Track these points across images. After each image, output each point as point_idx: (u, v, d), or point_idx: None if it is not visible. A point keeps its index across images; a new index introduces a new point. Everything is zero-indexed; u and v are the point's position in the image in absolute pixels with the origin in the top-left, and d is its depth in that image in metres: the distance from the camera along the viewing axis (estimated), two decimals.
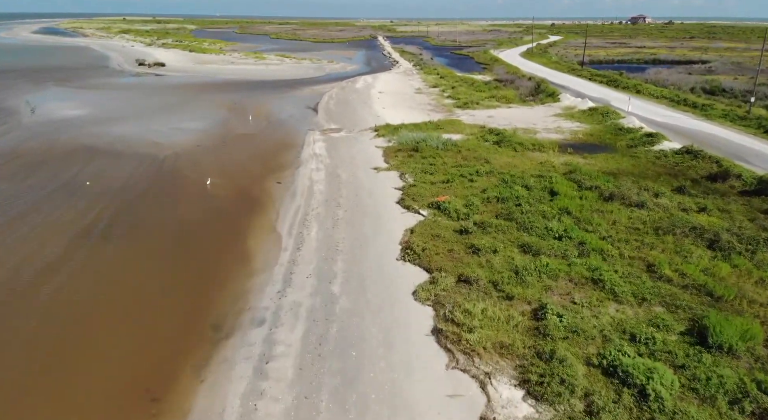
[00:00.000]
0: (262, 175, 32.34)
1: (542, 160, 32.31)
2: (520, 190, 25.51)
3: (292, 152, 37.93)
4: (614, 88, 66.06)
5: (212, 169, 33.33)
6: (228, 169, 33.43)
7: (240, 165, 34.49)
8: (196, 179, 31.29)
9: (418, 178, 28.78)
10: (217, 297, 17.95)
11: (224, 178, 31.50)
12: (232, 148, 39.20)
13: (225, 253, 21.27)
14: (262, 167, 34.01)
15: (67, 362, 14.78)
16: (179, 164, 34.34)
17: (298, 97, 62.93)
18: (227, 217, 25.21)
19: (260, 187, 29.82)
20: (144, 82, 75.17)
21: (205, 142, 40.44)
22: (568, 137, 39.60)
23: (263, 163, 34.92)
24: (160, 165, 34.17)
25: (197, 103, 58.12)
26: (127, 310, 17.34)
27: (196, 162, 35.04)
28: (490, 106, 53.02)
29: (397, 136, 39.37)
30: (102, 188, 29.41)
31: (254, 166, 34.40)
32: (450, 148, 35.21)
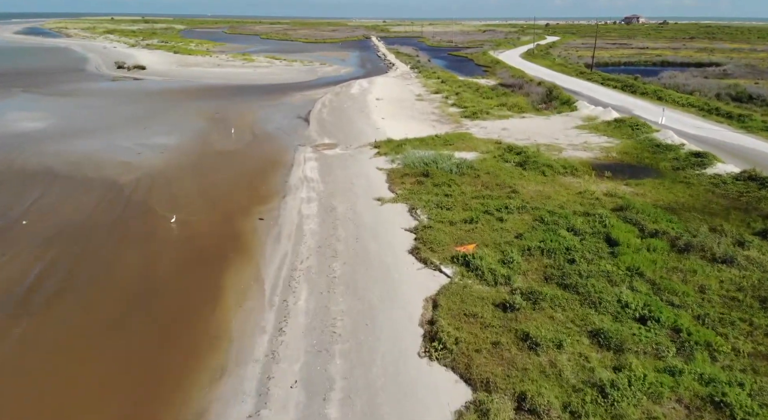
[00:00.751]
0: (241, 206, 26.61)
1: (580, 189, 26.75)
2: (568, 237, 19.94)
3: (279, 175, 32.22)
4: (632, 94, 60.76)
5: (181, 199, 27.58)
6: (200, 199, 27.66)
7: (215, 193, 28.72)
8: (159, 214, 25.50)
9: (434, 216, 23.14)
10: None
11: (194, 212, 25.73)
12: (208, 169, 33.41)
13: (179, 339, 15.54)
14: (242, 196, 28.27)
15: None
16: (142, 193, 28.51)
17: (288, 105, 57.15)
18: (189, 277, 19.46)
19: (237, 226, 24.07)
20: (120, 88, 69.10)
21: (178, 162, 34.64)
22: (600, 156, 34.12)
23: (243, 191, 29.18)
24: (119, 194, 28.33)
25: (175, 112, 52.21)
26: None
27: (163, 189, 29.25)
28: (503, 116, 47.50)
29: (401, 155, 33.76)
30: (39, 229, 23.57)
31: (232, 194, 28.65)
32: (466, 171, 29.63)
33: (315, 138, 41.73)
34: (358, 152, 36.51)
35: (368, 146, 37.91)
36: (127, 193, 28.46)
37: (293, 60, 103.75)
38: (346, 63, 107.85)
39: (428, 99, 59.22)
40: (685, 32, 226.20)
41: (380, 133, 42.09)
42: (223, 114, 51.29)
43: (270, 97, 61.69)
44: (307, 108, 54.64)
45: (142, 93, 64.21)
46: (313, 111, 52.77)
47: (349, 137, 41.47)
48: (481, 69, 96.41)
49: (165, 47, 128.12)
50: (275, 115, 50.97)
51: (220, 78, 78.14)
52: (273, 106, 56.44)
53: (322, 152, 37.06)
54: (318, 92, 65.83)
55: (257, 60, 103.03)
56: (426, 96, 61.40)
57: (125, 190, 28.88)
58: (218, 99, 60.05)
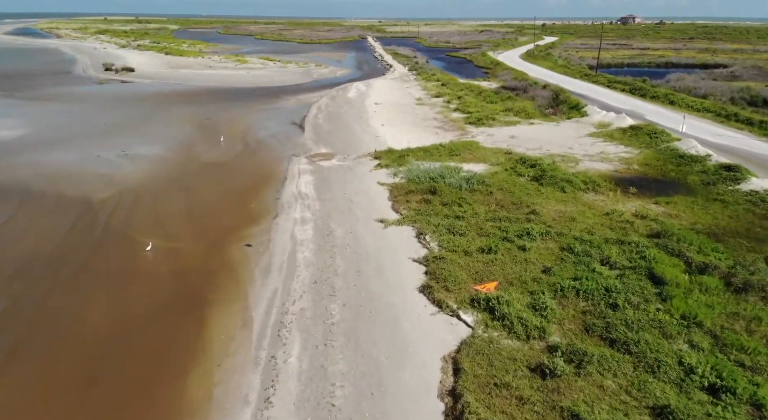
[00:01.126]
0: (227, 229, 23.72)
1: (606, 209, 23.97)
2: (604, 273, 17.16)
3: (271, 190, 29.35)
4: (641, 97, 58.12)
5: (161, 221, 24.68)
6: (182, 221, 24.76)
7: (199, 213, 25.82)
8: (135, 240, 22.59)
9: (445, 243, 20.31)
10: None
11: (175, 237, 22.84)
12: (193, 184, 30.51)
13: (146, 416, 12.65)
14: (229, 216, 25.37)
15: None
16: (119, 214, 25.56)
17: (282, 110, 54.25)
18: (165, 323, 16.57)
19: (222, 254, 21.18)
20: (106, 92, 66.01)
21: (160, 176, 31.72)
22: (620, 168, 31.37)
23: (231, 209, 26.28)
24: (94, 216, 25.38)
25: (162, 117, 49.23)
26: None
27: (141, 209, 26.33)
28: (510, 123, 44.73)
29: (405, 168, 30.96)
30: (0, 264, 20.63)
31: (218, 213, 25.75)
32: (477, 187, 26.81)
33: (310, 147, 38.87)
34: (357, 163, 33.66)
35: (368, 157, 35.07)
36: (103, 215, 25.51)
37: (288, 61, 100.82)
38: (343, 64, 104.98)
39: (429, 103, 56.42)
40: (684, 32, 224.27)
41: (380, 141, 39.27)
42: (213, 120, 48.36)
43: (263, 101, 58.75)
44: (302, 113, 51.78)
45: (128, 97, 61.14)
46: (309, 116, 49.90)
47: (346, 146, 38.62)
48: (482, 71, 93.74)
49: (156, 48, 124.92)
50: (268, 121, 48.07)
51: (212, 81, 75.13)
52: (266, 111, 53.53)
53: (317, 163, 34.21)
54: (313, 96, 62.98)
55: (251, 61, 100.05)
56: (426, 100, 58.60)
57: (101, 211, 25.93)
58: (208, 103, 57.07)
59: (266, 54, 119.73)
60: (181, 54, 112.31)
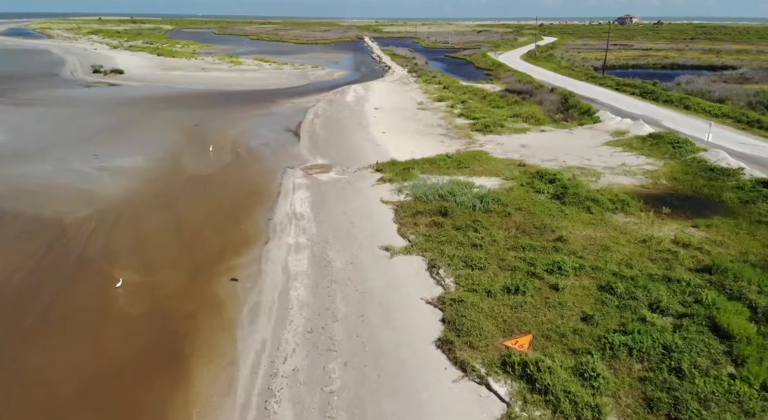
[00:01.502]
0: (210, 257, 20.84)
1: (641, 234, 21.15)
2: (657, 322, 14.38)
3: (262, 208, 26.46)
4: (653, 101, 55.38)
5: (138, 248, 21.78)
6: (160, 248, 21.85)
7: (181, 238, 22.91)
8: (107, 273, 19.67)
9: (462, 279, 17.46)
10: None
11: (150, 270, 19.93)
12: (177, 201, 27.59)
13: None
14: (214, 241, 22.48)
15: None
16: (89, 239, 22.64)
17: (276, 115, 51.34)
18: (130, 384, 13.68)
19: (203, 291, 18.29)
20: (92, 96, 62.93)
21: (141, 192, 28.80)
22: (647, 183, 28.57)
23: (217, 233, 23.39)
24: (63, 242, 22.44)
25: (149, 124, 46.26)
26: None
27: (116, 233, 23.41)
28: (519, 130, 41.91)
29: (410, 183, 28.12)
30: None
31: (202, 238, 22.86)
32: (492, 207, 23.96)
33: (306, 157, 35.99)
34: (358, 177, 30.78)
35: (369, 169, 32.22)
36: (74, 240, 22.57)
37: (283, 63, 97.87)
38: (340, 66, 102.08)
39: (431, 108, 53.57)
40: (683, 33, 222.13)
41: (381, 151, 36.42)
42: (203, 126, 45.43)
43: (257, 106, 55.81)
44: (298, 119, 48.89)
45: (115, 101, 58.10)
46: (305, 123, 47.01)
47: (345, 157, 35.75)
48: (483, 72, 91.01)
49: (148, 49, 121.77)
50: (261, 128, 45.15)
51: (204, 83, 72.15)
52: (259, 116, 50.60)
53: (314, 177, 31.33)
54: (310, 99, 60.11)
55: (245, 63, 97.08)
56: (429, 104, 55.75)
57: (72, 236, 22.98)
58: (199, 108, 54.09)
59: (261, 55, 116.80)
60: (174, 55, 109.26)
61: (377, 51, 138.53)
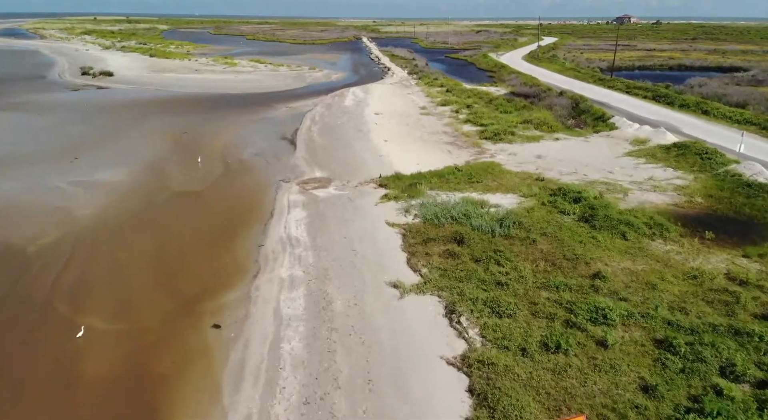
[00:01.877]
0: (190, 297, 17.95)
1: (689, 268, 18.33)
2: (736, 395, 11.67)
3: (253, 231, 23.58)
4: (668, 106, 52.56)
5: (107, 285, 18.87)
6: (133, 285, 18.95)
7: (157, 271, 20.01)
8: (68, 319, 16.76)
9: (490, 331, 14.62)
10: None
11: (119, 314, 17.03)
12: (157, 225, 24.68)
13: None
14: (196, 275, 19.59)
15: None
16: (52, 275, 19.70)
17: (271, 121, 48.44)
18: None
19: (179, 343, 15.42)
20: (78, 100, 59.87)
21: (119, 212, 25.88)
22: (680, 202, 25.74)
23: (199, 264, 20.50)
24: (17, 280, 19.49)
25: (134, 132, 43.30)
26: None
27: (85, 264, 20.49)
28: (532, 138, 39.06)
29: (418, 201, 25.26)
30: None
31: (182, 271, 19.97)
32: (514, 231, 21.11)
33: (303, 169, 33.12)
34: (359, 194, 27.89)
35: (371, 184, 29.34)
36: (36, 277, 19.65)
37: (280, 64, 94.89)
38: (338, 67, 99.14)
39: (435, 113, 50.71)
40: (684, 33, 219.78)
41: (384, 162, 33.58)
42: (193, 134, 42.50)
43: (251, 111, 52.88)
44: (294, 125, 46.00)
45: (101, 106, 55.08)
46: (301, 130, 44.12)
47: (345, 169, 32.87)
48: (486, 74, 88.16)
49: (141, 50, 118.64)
50: (255, 135, 42.24)
51: (196, 86, 69.15)
52: (253, 122, 47.68)
53: (311, 193, 28.43)
54: (307, 103, 57.22)
55: (240, 64, 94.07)
56: (432, 109, 52.89)
57: (35, 271, 20.06)
58: (189, 113, 51.16)
59: (257, 56, 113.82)
60: (167, 56, 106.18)
61: (376, 51, 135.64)
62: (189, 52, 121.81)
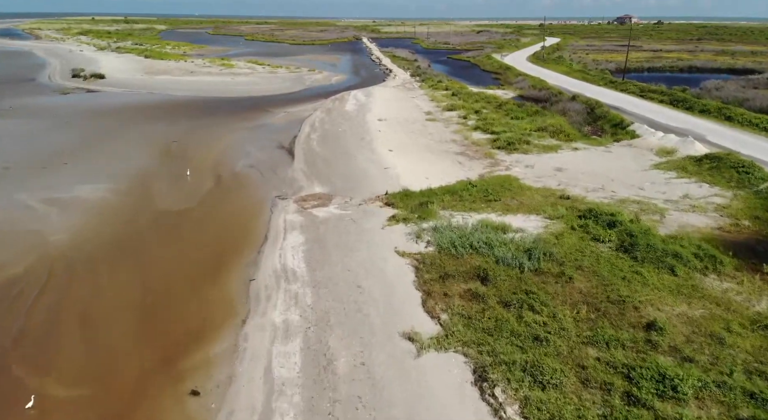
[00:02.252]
0: (165, 354, 15.06)
1: (757, 314, 15.46)
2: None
3: (243, 261, 20.74)
4: (687, 111, 49.70)
5: (69, 336, 15.99)
6: (101, 336, 16.07)
7: (130, 315, 17.13)
8: (20, 383, 13.89)
9: (533, 410, 11.78)
10: None
11: (80, 376, 14.16)
12: (136, 251, 21.81)
13: None
14: (173, 321, 16.74)
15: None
16: (10, 319, 16.81)
17: (268, 127, 45.60)
18: None
19: (149, 417, 12.51)
20: (65, 104, 56.95)
21: (95, 236, 23.02)
22: (724, 225, 22.87)
23: (178, 305, 17.64)
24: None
25: (120, 140, 40.43)
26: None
27: (48, 306, 17.60)
28: (549, 148, 36.18)
29: (430, 224, 22.42)
30: None
31: (157, 315, 17.11)
32: (544, 265, 18.25)
33: (301, 183, 30.27)
34: (364, 213, 25.02)
35: (377, 202, 26.48)
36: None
37: (278, 65, 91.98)
38: (338, 69, 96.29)
39: (442, 119, 47.85)
40: (687, 33, 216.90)
41: (390, 175, 30.73)
42: (183, 142, 39.65)
43: (246, 116, 50.02)
44: (292, 132, 43.17)
45: (88, 112, 52.19)
46: (300, 137, 41.25)
47: (347, 183, 30.02)
48: (491, 76, 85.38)
49: (136, 51, 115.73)
50: (250, 144, 39.37)
51: (190, 89, 66.25)
52: (249, 129, 44.81)
53: (310, 213, 25.56)
54: (306, 108, 54.38)
55: (237, 66, 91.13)
56: (438, 114, 50.03)
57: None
58: (181, 119, 48.29)
59: (255, 57, 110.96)
60: (162, 57, 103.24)
61: (377, 52, 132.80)
62: (185, 53, 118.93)
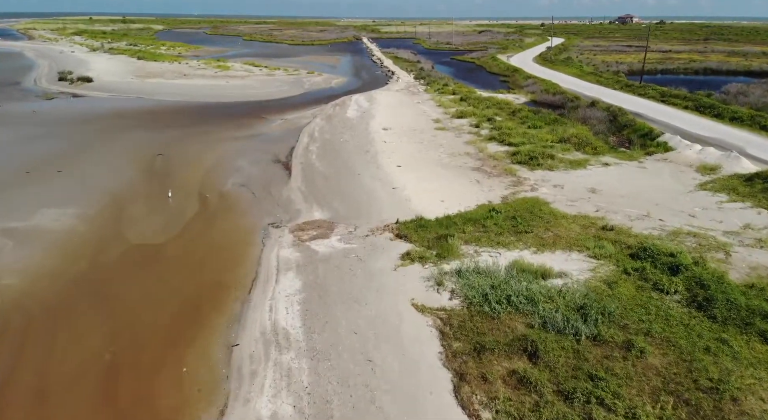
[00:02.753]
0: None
1: None
2: None
3: (225, 319, 16.92)
4: (716, 119, 45.81)
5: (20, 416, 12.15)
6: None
7: (89, 401, 13.28)
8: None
9: None
10: None
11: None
12: (101, 299, 18.00)
13: None
14: (132, 402, 12.87)
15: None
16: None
17: (263, 137, 41.80)
18: None
19: None
20: (46, 111, 53.04)
21: (54, 279, 19.20)
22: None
23: (147, 383, 13.79)
24: None
25: (99, 154, 36.60)
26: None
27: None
28: (576, 163, 32.33)
29: (452, 264, 18.60)
30: None
31: (124, 392, 13.26)
32: (602, 328, 14.43)
33: (298, 207, 26.46)
34: (371, 248, 21.19)
35: (386, 232, 22.66)
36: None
37: (276, 67, 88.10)
38: (338, 70, 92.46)
39: (452, 127, 44.01)
40: (692, 33, 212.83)
41: (400, 198, 26.90)
42: (169, 155, 35.84)
43: (240, 124, 46.21)
44: (289, 143, 39.40)
45: (70, 119, 48.33)
46: (297, 149, 37.45)
47: (351, 206, 26.20)
48: (498, 79, 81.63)
49: (129, 52, 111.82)
50: (243, 158, 35.55)
51: (182, 93, 62.41)
52: (242, 139, 41.00)
53: (308, 247, 21.74)
54: (305, 114, 50.63)
55: (233, 68, 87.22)
56: (447, 122, 46.20)
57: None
58: (170, 128, 44.47)
59: (253, 58, 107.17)
60: (156, 59, 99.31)
61: (377, 53, 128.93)
62: (180, 54, 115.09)
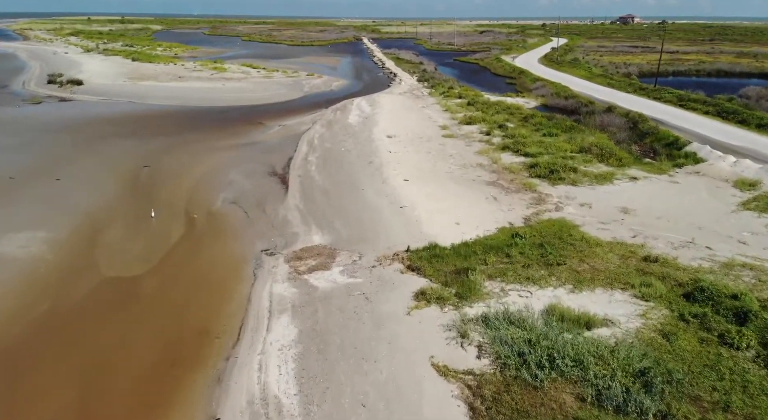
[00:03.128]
0: None
1: None
2: None
3: (206, 377, 14.10)
4: (740, 125, 42.81)
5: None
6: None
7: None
8: None
9: None
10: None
11: None
12: (67, 346, 15.12)
13: None
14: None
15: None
16: None
17: (259, 146, 38.93)
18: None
19: None
20: (30, 117, 50.16)
21: (11, 323, 16.29)
22: None
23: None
24: None
25: (80, 165, 33.73)
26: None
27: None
28: (601, 177, 29.44)
29: (476, 308, 15.75)
30: None
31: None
32: (672, 402, 11.53)
33: (296, 229, 23.60)
34: (379, 284, 18.31)
35: (395, 261, 19.83)
36: None
37: (274, 69, 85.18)
38: (338, 72, 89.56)
39: (460, 135, 41.13)
40: (696, 33, 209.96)
41: (409, 218, 24.02)
42: (156, 167, 33.01)
43: (235, 131, 43.37)
44: (287, 152, 36.56)
45: (54, 126, 45.40)
46: (295, 160, 34.60)
47: (355, 228, 23.33)
48: (504, 81, 78.64)
49: (124, 53, 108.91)
50: (236, 170, 32.68)
51: (176, 97, 59.50)
52: (236, 148, 38.15)
53: (306, 281, 18.88)
54: (304, 120, 47.81)
55: (230, 69, 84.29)
56: (455, 129, 43.33)
57: None
58: (159, 135, 41.60)
59: (251, 59, 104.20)
60: (151, 60, 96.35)
61: (379, 54, 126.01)
62: (177, 55, 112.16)
